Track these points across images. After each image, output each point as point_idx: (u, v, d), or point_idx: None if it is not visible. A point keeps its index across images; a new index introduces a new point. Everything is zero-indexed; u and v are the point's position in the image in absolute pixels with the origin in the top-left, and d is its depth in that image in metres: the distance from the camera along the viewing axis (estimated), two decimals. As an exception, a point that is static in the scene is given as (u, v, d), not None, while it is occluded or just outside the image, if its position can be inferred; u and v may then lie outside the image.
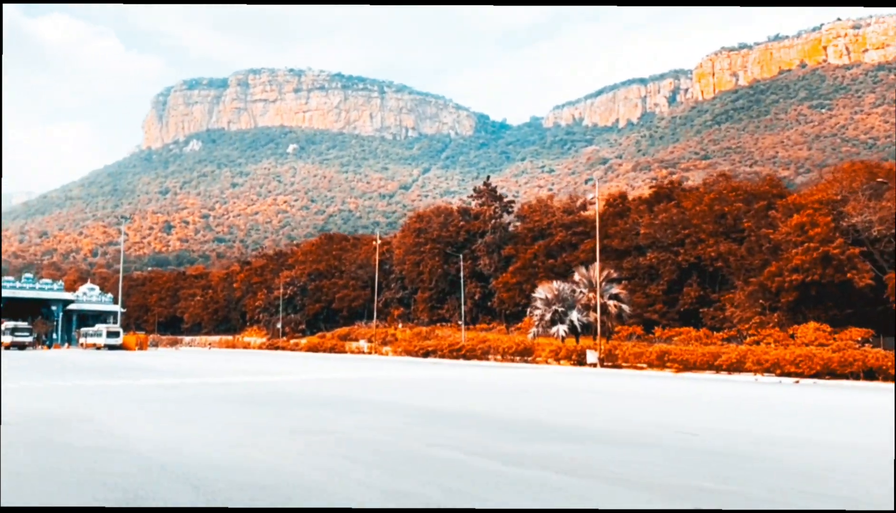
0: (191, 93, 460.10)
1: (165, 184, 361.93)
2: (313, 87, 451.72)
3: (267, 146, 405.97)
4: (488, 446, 10.40)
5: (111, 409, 15.09)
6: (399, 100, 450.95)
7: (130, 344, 76.67)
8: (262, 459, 9.01)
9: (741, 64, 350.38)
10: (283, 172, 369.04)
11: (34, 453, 9.07)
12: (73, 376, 26.61)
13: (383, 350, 60.75)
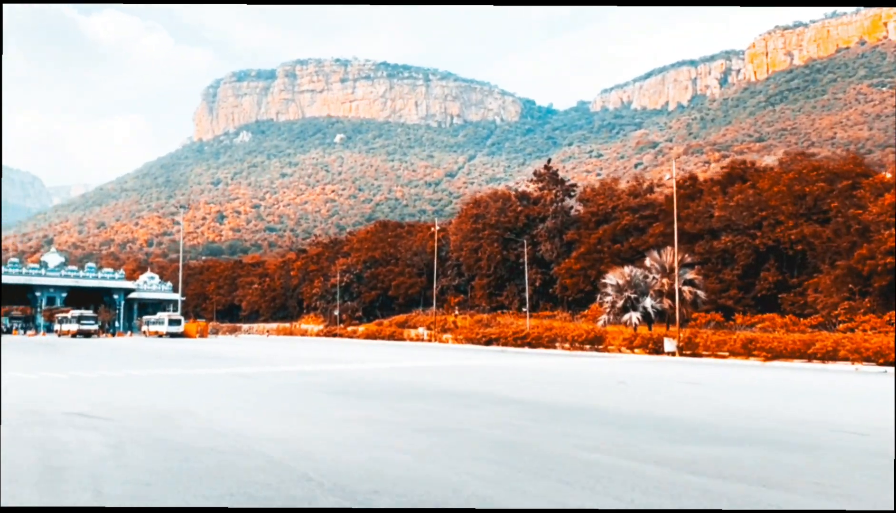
0: (240, 85, 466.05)
1: (217, 175, 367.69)
2: (359, 77, 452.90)
3: (315, 136, 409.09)
4: (636, 448, 9.09)
5: (207, 401, 14.19)
6: (444, 87, 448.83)
7: (191, 332, 77.39)
8: (407, 464, 7.83)
9: (796, 43, 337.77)
10: (330, 161, 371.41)
11: (156, 454, 8.07)
12: (149, 365, 26.12)
13: (443, 338, 59.72)
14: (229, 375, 21.68)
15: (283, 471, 7.23)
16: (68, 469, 7.14)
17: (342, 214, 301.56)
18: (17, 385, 17.14)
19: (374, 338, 68.40)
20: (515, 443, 9.42)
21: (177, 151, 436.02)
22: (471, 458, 8.22)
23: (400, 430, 10.40)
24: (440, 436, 9.86)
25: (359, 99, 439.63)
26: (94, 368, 23.54)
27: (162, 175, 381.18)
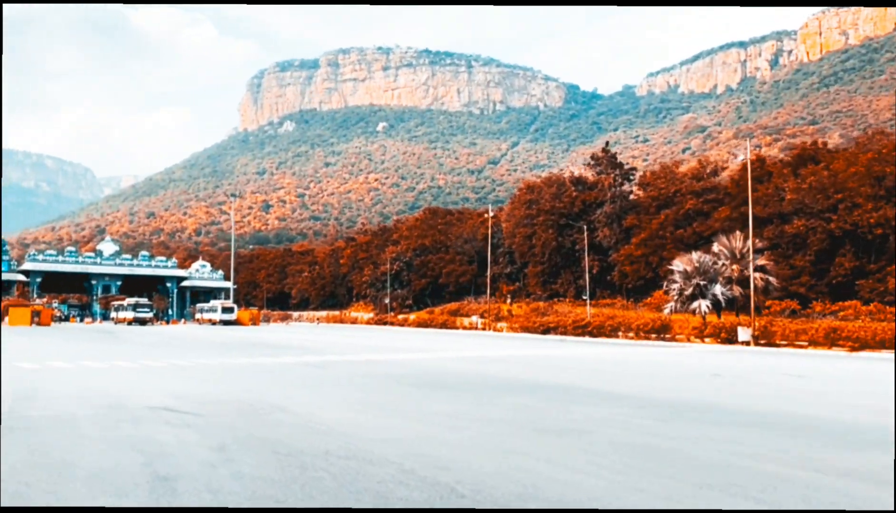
0: (283, 75, 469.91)
1: (262, 164, 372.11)
2: (401, 65, 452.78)
3: (357, 125, 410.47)
4: (806, 455, 7.78)
5: (289, 393, 13.23)
6: (486, 73, 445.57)
7: (244, 319, 77.78)
8: (555, 474, 6.65)
9: (851, 22, 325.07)
10: (373, 150, 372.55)
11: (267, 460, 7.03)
12: (213, 353, 25.53)
13: (497, 326, 58.49)
14: (298, 364, 20.86)
15: (425, 484, 6.14)
16: (179, 479, 6.16)
17: (385, 203, 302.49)
18: (90, 375, 16.53)
19: (425, 326, 67.55)
20: (656, 447, 8.18)
21: (223, 142, 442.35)
22: (622, 467, 7.02)
23: (520, 430, 9.24)
24: (569, 439, 8.68)
25: (401, 87, 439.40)
26: (160, 357, 23.00)
27: (209, 165, 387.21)
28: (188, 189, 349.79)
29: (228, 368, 19.09)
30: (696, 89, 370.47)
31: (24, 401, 11.16)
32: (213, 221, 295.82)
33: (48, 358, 21.87)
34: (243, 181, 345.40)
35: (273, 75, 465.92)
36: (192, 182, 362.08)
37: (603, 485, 6.25)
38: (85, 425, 8.99)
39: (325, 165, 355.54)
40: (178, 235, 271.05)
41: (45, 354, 23.67)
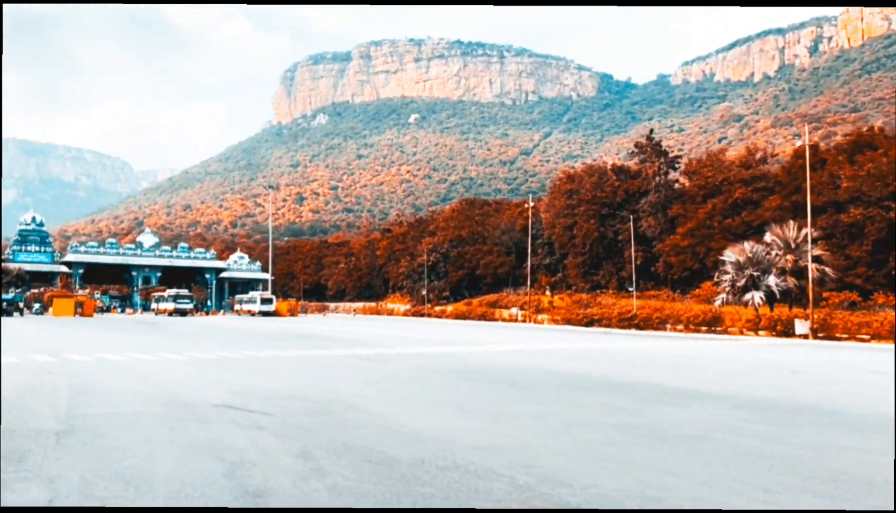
0: (316, 67, 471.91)
1: (296, 157, 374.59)
2: (433, 56, 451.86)
3: (389, 117, 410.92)
4: None
5: (355, 389, 12.46)
6: (519, 64, 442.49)
7: (282, 311, 77.80)
8: (692, 493, 5.74)
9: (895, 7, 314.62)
10: (405, 142, 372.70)
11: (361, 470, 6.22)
12: (260, 345, 24.98)
13: (538, 318, 57.44)
14: (351, 357, 20.18)
15: (553, 505, 5.27)
16: (270, 494, 5.39)
17: (417, 195, 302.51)
18: (142, 368, 16.00)
19: (463, 318, 66.75)
20: (798, 459, 7.19)
21: (257, 135, 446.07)
22: (770, 484, 6.06)
23: (624, 436, 8.32)
24: (685, 446, 7.75)
25: (433, 78, 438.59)
26: (208, 349, 22.51)
27: (243, 158, 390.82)
28: (223, 182, 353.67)
29: (281, 362, 18.46)
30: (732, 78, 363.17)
31: (82, 397, 10.57)
32: (249, 213, 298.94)
33: (97, 350, 21.51)
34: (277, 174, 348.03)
35: (306, 68, 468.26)
36: (228, 175, 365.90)
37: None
38: (150, 425, 8.32)
39: (358, 157, 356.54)
40: (215, 228, 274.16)
41: (94, 346, 23.36)
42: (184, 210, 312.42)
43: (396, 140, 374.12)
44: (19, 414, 8.83)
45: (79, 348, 22.02)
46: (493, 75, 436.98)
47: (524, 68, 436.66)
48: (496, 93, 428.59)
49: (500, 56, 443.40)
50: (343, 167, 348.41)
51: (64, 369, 14.91)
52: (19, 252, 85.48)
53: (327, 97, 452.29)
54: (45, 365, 15.88)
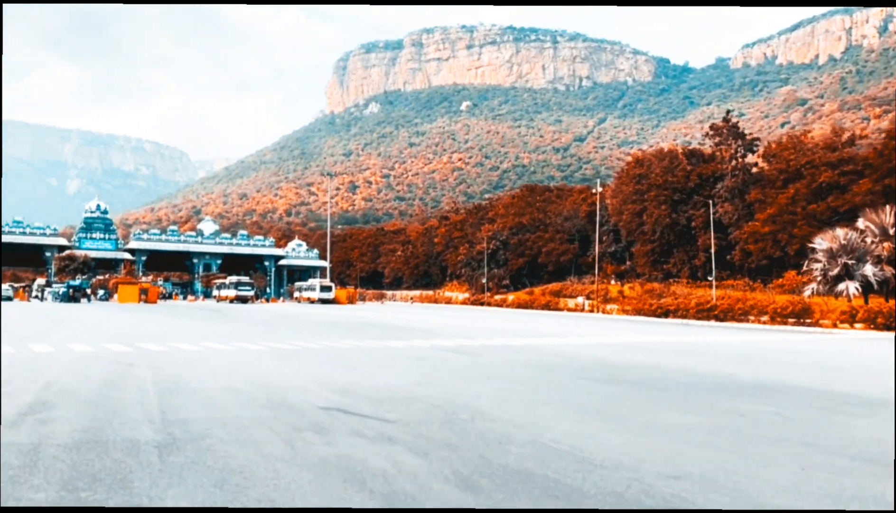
0: (368, 56, 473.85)
1: (348, 146, 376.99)
2: (485, 42, 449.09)
3: (441, 105, 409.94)
4: None
5: (467, 390, 10.95)
6: (573, 49, 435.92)
7: (341, 298, 77.37)
8: None
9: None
10: (457, 129, 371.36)
11: (545, 502, 4.76)
12: (334, 334, 23.82)
13: (607, 308, 55.27)
14: (435, 349, 18.76)
15: None
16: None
17: (469, 182, 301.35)
18: (224, 360, 14.88)
19: (526, 307, 64.95)
20: None
21: (310, 124, 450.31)
22: None
23: (859, 463, 6.61)
24: None
25: (485, 65, 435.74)
26: (283, 338, 21.44)
27: (297, 148, 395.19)
28: (278, 171, 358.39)
29: (365, 354, 17.16)
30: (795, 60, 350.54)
31: (173, 396, 9.36)
32: (303, 201, 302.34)
33: (170, 338, 20.64)
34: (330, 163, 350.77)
35: (358, 57, 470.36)
36: (282, 164, 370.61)
37: None
38: (262, 436, 6.97)
39: (410, 146, 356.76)
40: (270, 216, 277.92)
41: (165, 334, 22.56)
42: (240, 199, 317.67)
43: (448, 128, 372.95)
44: (109, 419, 7.62)
45: (151, 337, 21.21)
46: (547, 61, 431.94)
47: (578, 53, 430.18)
48: (549, 79, 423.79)
49: (554, 41, 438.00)
50: (395, 156, 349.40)
51: (143, 360, 13.87)
52: (84, 239, 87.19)
53: (379, 86, 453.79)
54: (123, 356, 14.91)
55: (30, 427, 7.06)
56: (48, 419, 7.45)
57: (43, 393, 9.15)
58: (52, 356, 14.35)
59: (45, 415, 7.68)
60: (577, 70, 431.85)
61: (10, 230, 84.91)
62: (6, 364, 12.79)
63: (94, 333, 22.25)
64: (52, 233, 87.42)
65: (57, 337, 20.26)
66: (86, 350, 15.68)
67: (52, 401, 8.60)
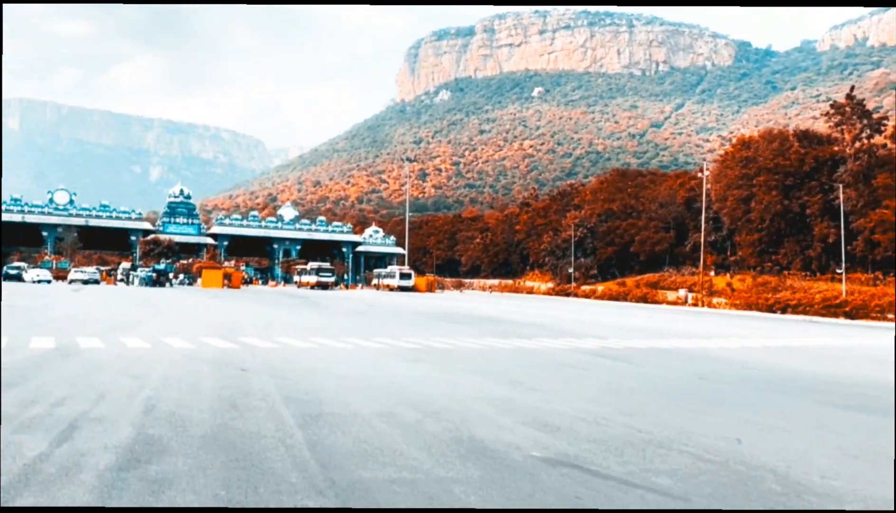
0: (440, 44, 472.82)
1: (419, 134, 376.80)
2: (558, 27, 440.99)
3: (512, 91, 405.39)
4: None
5: (701, 424, 7.97)
6: (649, 32, 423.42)
7: (421, 286, 75.16)
8: None
9: None
10: (528, 116, 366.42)
11: None
12: (444, 328, 21.14)
13: (713, 302, 50.90)
14: (579, 352, 15.76)
15: None
16: None
17: (541, 170, 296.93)
18: (347, 361, 12.30)
19: (619, 299, 61.05)
20: None
21: (381, 113, 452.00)
22: None
23: None
24: None
25: (557, 50, 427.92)
26: (394, 334, 18.87)
27: (368, 136, 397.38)
28: (350, 159, 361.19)
29: (505, 357, 14.32)
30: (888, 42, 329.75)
31: (323, 430, 6.67)
32: (374, 189, 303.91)
33: (271, 330, 18.36)
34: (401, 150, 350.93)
35: (430, 45, 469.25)
36: (354, 152, 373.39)
37: None
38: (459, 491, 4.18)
39: (480, 133, 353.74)
40: (342, 203, 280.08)
41: (265, 325, 20.34)
42: (313, 186, 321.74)
43: (519, 114, 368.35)
44: (248, 480, 4.96)
45: (250, 328, 18.99)
46: (622, 45, 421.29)
47: (655, 37, 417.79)
48: (624, 63, 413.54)
49: (630, 25, 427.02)
50: (465, 143, 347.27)
51: (256, 363, 11.40)
52: (168, 224, 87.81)
53: (450, 73, 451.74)
54: (229, 355, 12.51)
55: (135, 494, 4.50)
56: (160, 479, 4.86)
57: (145, 423, 6.64)
58: (148, 356, 12.07)
59: (154, 469, 5.10)
60: (654, 54, 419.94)
61: (97, 214, 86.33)
62: (96, 365, 10.55)
63: (187, 323, 20.26)
64: (137, 217, 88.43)
65: (149, 328, 18.26)
66: (185, 347, 13.40)
67: (160, 438, 6.05)
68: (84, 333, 15.61)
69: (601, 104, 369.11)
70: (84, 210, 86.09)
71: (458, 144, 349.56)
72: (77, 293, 40.11)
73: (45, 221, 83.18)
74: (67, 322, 19.08)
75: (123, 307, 27.92)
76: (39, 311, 23.72)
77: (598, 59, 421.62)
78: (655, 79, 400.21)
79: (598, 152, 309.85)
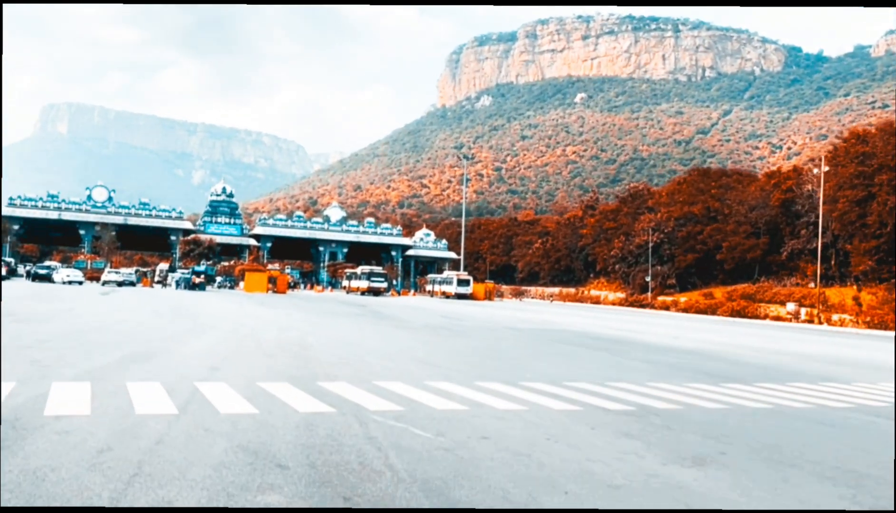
0: (481, 49, 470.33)
1: (460, 139, 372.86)
2: (602, 33, 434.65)
3: (555, 97, 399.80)
4: None
5: None
6: (695, 38, 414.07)
7: (479, 293, 68.85)
8: None
9: None
10: (571, 122, 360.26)
11: None
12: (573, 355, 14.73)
13: (833, 319, 43.46)
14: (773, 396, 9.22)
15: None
16: None
17: (584, 176, 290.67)
18: (567, 465, 5.92)
19: (706, 313, 53.76)
20: None
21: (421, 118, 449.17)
22: None
23: None
24: None
25: (601, 56, 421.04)
26: (531, 369, 12.66)
27: (409, 141, 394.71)
28: (390, 163, 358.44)
29: (799, 435, 7.86)
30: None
31: None
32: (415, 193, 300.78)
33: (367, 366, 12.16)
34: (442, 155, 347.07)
35: (471, 50, 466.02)
36: (394, 157, 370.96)
37: None
38: None
39: (522, 139, 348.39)
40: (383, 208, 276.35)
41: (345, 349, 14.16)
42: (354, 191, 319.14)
43: (562, 120, 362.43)
44: None
45: (329, 357, 12.80)
46: (667, 50, 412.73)
47: (701, 42, 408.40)
48: (669, 69, 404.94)
49: (675, 30, 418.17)
50: (507, 148, 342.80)
51: (404, 476, 5.08)
52: (209, 223, 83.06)
53: (491, 79, 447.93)
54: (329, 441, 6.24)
55: None
56: None
57: None
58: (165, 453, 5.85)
59: None
60: (700, 60, 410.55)
61: (136, 212, 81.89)
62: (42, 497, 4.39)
63: (235, 345, 14.19)
64: (177, 216, 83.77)
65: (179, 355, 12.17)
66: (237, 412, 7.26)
67: None
68: (74, 369, 9.60)
69: (645, 110, 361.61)
70: (123, 208, 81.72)
71: (500, 149, 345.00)
72: (105, 297, 34.62)
73: (81, 218, 78.93)
74: (67, 342, 13.15)
75: (152, 317, 22.05)
76: (42, 321, 17.91)
77: (642, 64, 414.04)
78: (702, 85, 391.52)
79: (643, 159, 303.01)
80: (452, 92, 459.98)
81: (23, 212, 76.44)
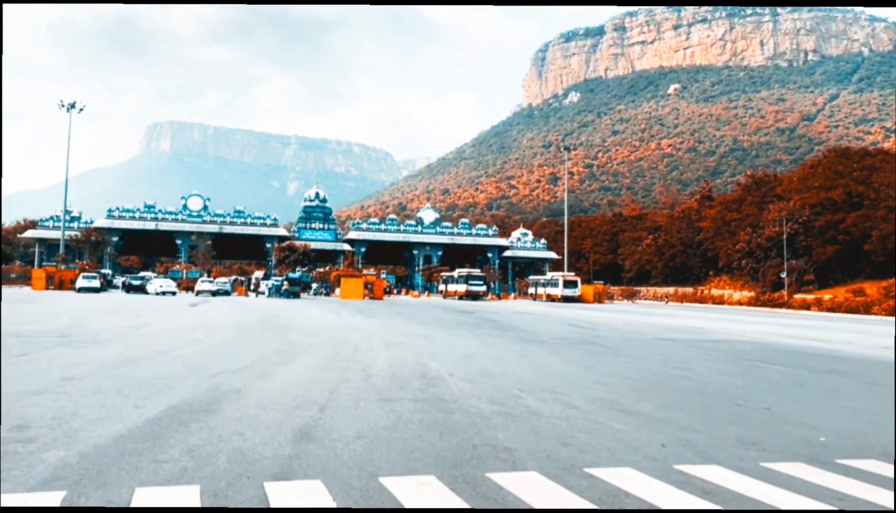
0: (568, 45, 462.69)
1: (548, 137, 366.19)
2: (694, 21, 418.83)
3: (646, 90, 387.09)
4: None
5: None
6: (795, 20, 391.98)
7: (588, 296, 63.21)
8: None
9: None
10: (664, 114, 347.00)
11: None
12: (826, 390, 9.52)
13: None
14: None
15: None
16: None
17: (682, 169, 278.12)
18: None
19: (856, 312, 46.22)
20: None
21: (507, 119, 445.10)
22: None
23: None
24: None
25: (694, 45, 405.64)
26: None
27: (496, 142, 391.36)
28: (477, 166, 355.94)
29: None
30: None
31: None
32: (503, 195, 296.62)
33: (562, 433, 7.50)
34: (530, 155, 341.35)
35: (558, 47, 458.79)
36: (481, 159, 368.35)
37: None
38: None
39: (613, 134, 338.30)
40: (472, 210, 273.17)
41: (515, 401, 9.56)
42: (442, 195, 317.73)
43: (655, 113, 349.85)
44: None
45: (508, 410, 8.21)
46: (765, 36, 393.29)
47: (802, 25, 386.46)
48: (768, 55, 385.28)
49: (774, 14, 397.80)
50: (597, 145, 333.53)
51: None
52: (304, 230, 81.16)
53: (579, 75, 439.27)
54: None
55: None
56: None
57: None
58: None
59: None
60: (802, 43, 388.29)
61: (231, 220, 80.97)
62: None
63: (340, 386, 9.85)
64: (272, 223, 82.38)
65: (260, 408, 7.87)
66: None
67: None
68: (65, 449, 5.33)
69: (744, 99, 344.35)
70: (218, 216, 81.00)
71: (591, 145, 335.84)
72: (193, 309, 31.59)
73: (177, 228, 78.61)
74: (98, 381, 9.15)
75: (234, 334, 18.16)
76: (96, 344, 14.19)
77: (738, 51, 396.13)
78: (804, 69, 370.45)
79: (745, 149, 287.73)
80: (539, 90, 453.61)
81: (121, 223, 76.71)
